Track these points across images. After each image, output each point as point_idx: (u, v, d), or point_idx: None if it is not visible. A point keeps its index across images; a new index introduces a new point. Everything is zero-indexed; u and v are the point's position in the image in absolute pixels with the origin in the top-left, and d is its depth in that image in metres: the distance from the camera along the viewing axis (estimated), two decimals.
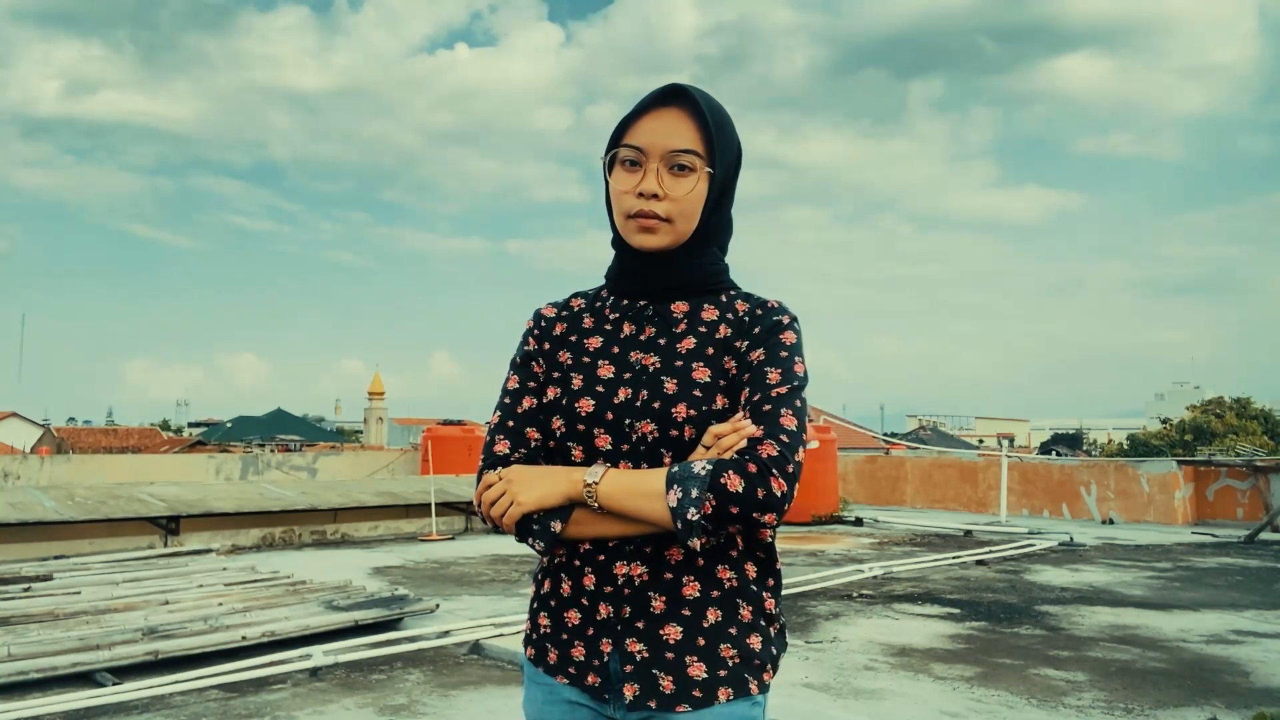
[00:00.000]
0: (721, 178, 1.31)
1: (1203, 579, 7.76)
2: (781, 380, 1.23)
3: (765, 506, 1.15)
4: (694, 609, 1.24)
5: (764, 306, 1.31)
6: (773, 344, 1.27)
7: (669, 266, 1.32)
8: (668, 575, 1.24)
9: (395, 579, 7.15)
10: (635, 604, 1.24)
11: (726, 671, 1.22)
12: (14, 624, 4.95)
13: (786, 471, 1.17)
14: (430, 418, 27.99)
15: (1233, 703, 4.12)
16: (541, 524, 1.24)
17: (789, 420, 1.20)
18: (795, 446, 1.19)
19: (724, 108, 1.34)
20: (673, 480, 1.18)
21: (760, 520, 1.16)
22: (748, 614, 1.26)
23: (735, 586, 1.26)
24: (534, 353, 1.38)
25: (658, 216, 1.27)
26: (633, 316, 1.34)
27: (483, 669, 4.60)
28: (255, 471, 14.29)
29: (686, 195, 1.27)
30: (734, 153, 1.34)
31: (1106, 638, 5.41)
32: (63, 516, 8.07)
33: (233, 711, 3.85)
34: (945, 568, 8.17)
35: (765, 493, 1.15)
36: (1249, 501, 12.38)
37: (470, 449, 14.70)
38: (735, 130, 1.35)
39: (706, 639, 1.23)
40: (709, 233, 1.33)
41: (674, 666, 1.22)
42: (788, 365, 1.25)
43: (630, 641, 1.24)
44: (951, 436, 48.53)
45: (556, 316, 1.40)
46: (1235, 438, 30.58)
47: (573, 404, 1.30)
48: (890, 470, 15.23)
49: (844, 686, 4.33)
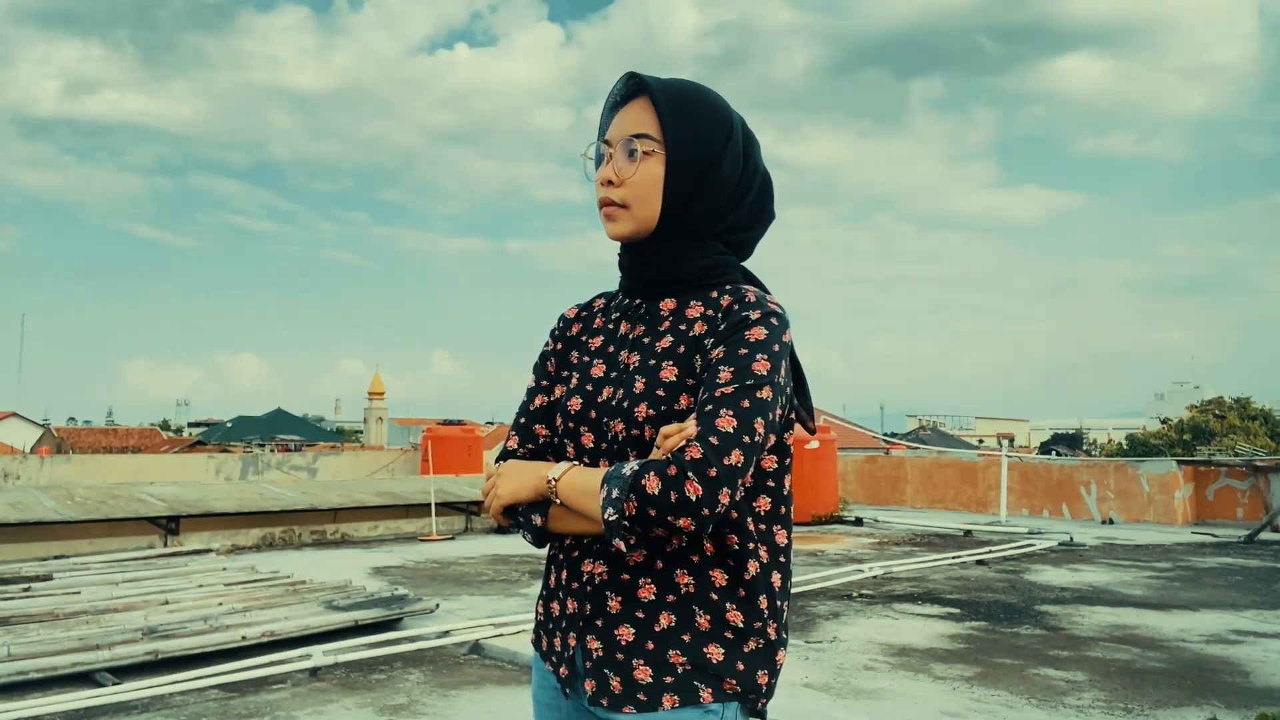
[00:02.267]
0: (694, 159, 1.25)
1: (1203, 579, 7.76)
2: (731, 379, 1.16)
3: (679, 511, 1.10)
4: (647, 612, 1.21)
5: (742, 301, 1.24)
6: (734, 341, 1.20)
7: (648, 260, 1.30)
8: (625, 576, 1.22)
9: (395, 579, 7.15)
10: (595, 602, 1.24)
11: (673, 678, 1.18)
12: (14, 624, 4.95)
13: (707, 475, 1.10)
14: (430, 418, 28.02)
15: (1233, 703, 4.12)
16: (524, 517, 1.27)
17: (725, 421, 1.13)
18: (726, 449, 1.11)
19: (703, 93, 1.30)
20: (605, 480, 1.16)
21: (675, 525, 1.10)
22: (705, 622, 1.20)
23: (692, 593, 1.20)
24: (549, 352, 1.42)
25: (614, 203, 1.28)
26: (629, 315, 1.34)
27: (483, 669, 4.60)
28: (255, 471, 14.29)
29: (637, 178, 1.26)
30: (710, 136, 1.27)
31: (1106, 638, 5.42)
32: (63, 516, 8.07)
33: (233, 711, 3.85)
34: (945, 568, 8.17)
35: (678, 496, 1.09)
36: (1249, 501, 12.38)
37: (470, 449, 14.70)
38: (722, 114, 1.29)
39: (656, 643, 1.19)
40: (694, 223, 1.28)
41: (623, 667, 1.20)
42: (743, 363, 1.17)
43: (590, 638, 1.24)
44: (951, 436, 48.51)
45: (575, 317, 1.43)
46: (1235, 438, 30.58)
47: (565, 402, 1.34)
48: (890, 470, 15.23)
49: (844, 686, 4.33)
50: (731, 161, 1.28)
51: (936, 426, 56.70)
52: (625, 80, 1.31)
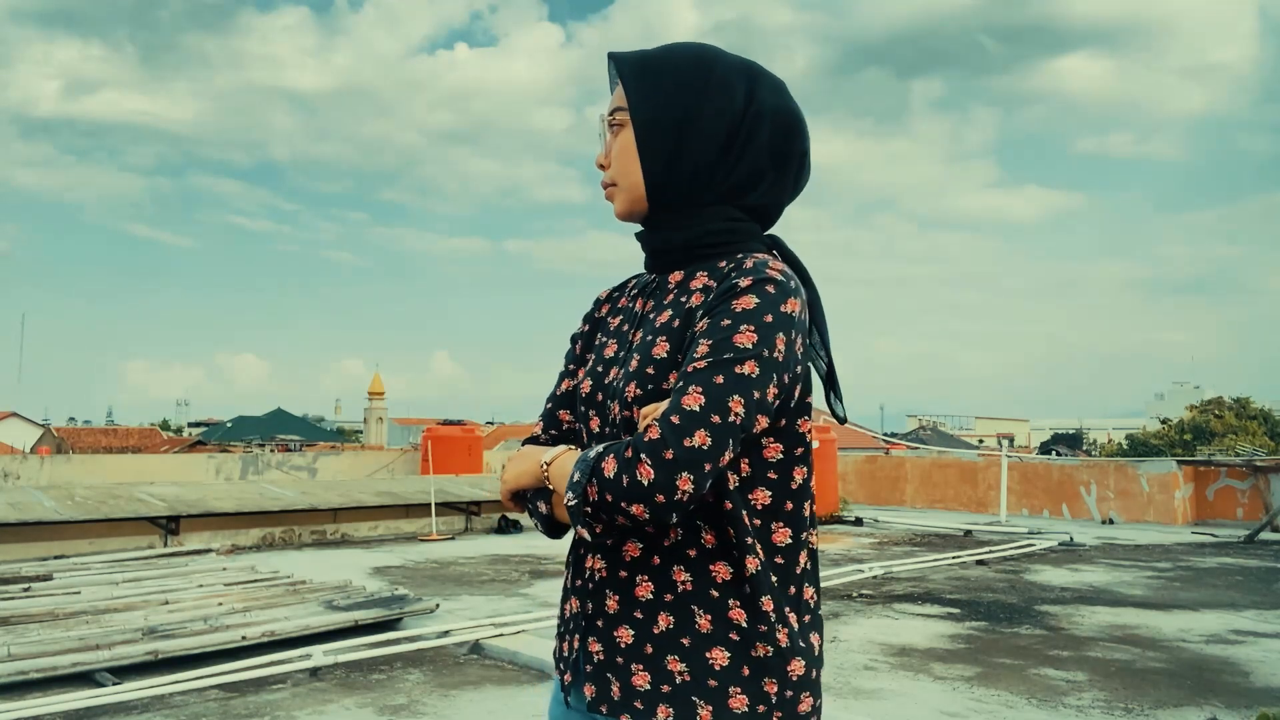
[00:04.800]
0: (658, 117, 1.17)
1: (1202, 579, 7.76)
2: (708, 353, 1.05)
3: (631, 496, 1.00)
4: (645, 612, 1.11)
5: (739, 268, 1.12)
6: (719, 311, 1.08)
7: (653, 232, 1.24)
8: (623, 573, 1.13)
9: (395, 579, 7.15)
10: (595, 601, 1.15)
11: (670, 687, 1.07)
12: (14, 624, 4.95)
13: (662, 458, 0.99)
14: (430, 418, 28.01)
15: (1233, 703, 4.11)
16: (532, 505, 1.19)
17: (692, 399, 1.02)
18: (688, 429, 1.00)
19: (677, 48, 1.22)
20: (575, 464, 1.08)
21: (629, 512, 1.01)
22: (706, 623, 1.08)
23: (690, 590, 1.09)
24: (577, 335, 1.36)
25: (607, 184, 1.25)
26: (644, 291, 1.26)
27: (483, 669, 4.60)
28: (255, 471, 14.29)
29: (616, 152, 1.22)
30: (678, 89, 1.18)
31: (1106, 638, 5.41)
32: (63, 516, 8.07)
33: (233, 711, 3.85)
34: (945, 568, 8.17)
35: (630, 481, 1.00)
36: (1249, 501, 12.38)
37: (470, 449, 14.70)
38: (697, 63, 1.19)
39: (655, 646, 1.09)
40: (686, 186, 1.19)
41: (623, 672, 1.11)
42: (724, 335, 1.06)
43: (591, 640, 1.15)
44: (951, 436, 48.53)
45: (606, 298, 1.36)
46: (1235, 438, 30.58)
47: (578, 385, 1.27)
48: (890, 470, 15.22)
49: (844, 686, 4.33)
50: (714, 112, 1.17)
51: (936, 427, 56.72)
52: (608, 63, 1.26)
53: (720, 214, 1.19)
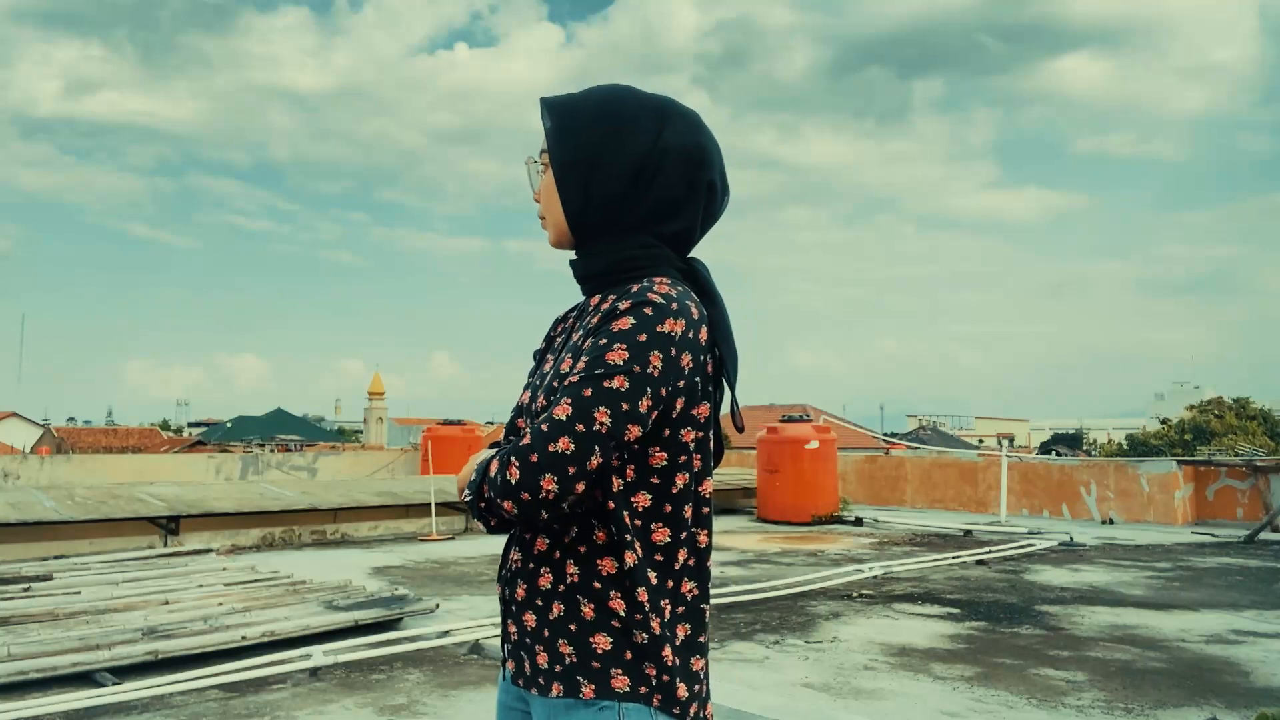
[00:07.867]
0: (572, 160, 1.29)
1: (1202, 579, 7.76)
2: (583, 369, 1.17)
3: (503, 494, 1.15)
4: (544, 600, 1.25)
5: (625, 293, 1.23)
6: (600, 332, 1.20)
7: (579, 260, 1.36)
8: (530, 564, 1.27)
9: (395, 579, 7.16)
10: (510, 588, 1.31)
11: (561, 667, 1.22)
12: (14, 624, 4.95)
13: (528, 460, 1.13)
14: (430, 418, 27.98)
15: (1233, 703, 4.12)
16: (471, 503, 1.29)
17: (561, 410, 1.14)
18: (553, 436, 1.13)
19: (592, 94, 1.33)
20: (477, 466, 1.23)
21: (501, 508, 1.16)
22: (590, 611, 1.21)
23: (576, 582, 1.23)
24: (537, 351, 1.47)
25: (541, 217, 1.38)
26: (578, 313, 1.38)
27: (483, 669, 4.60)
28: (255, 471, 14.30)
29: (543, 191, 1.37)
30: (587, 132, 1.29)
31: (1106, 638, 5.42)
32: (63, 516, 8.08)
33: (233, 711, 3.85)
34: (945, 568, 8.17)
35: (502, 480, 1.15)
36: (1249, 501, 12.38)
37: (470, 449, 14.70)
38: (607, 108, 1.30)
39: (550, 631, 1.24)
40: (601, 220, 1.30)
41: (529, 651, 1.26)
42: (598, 353, 1.17)
43: (509, 622, 1.31)
44: (951, 436, 48.53)
45: (562, 318, 1.46)
46: (1235, 438, 30.58)
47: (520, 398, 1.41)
48: (890, 470, 15.23)
49: (844, 686, 4.34)
50: (617, 153, 1.28)
51: (936, 426, 56.73)
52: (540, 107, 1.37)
53: (636, 242, 1.30)
